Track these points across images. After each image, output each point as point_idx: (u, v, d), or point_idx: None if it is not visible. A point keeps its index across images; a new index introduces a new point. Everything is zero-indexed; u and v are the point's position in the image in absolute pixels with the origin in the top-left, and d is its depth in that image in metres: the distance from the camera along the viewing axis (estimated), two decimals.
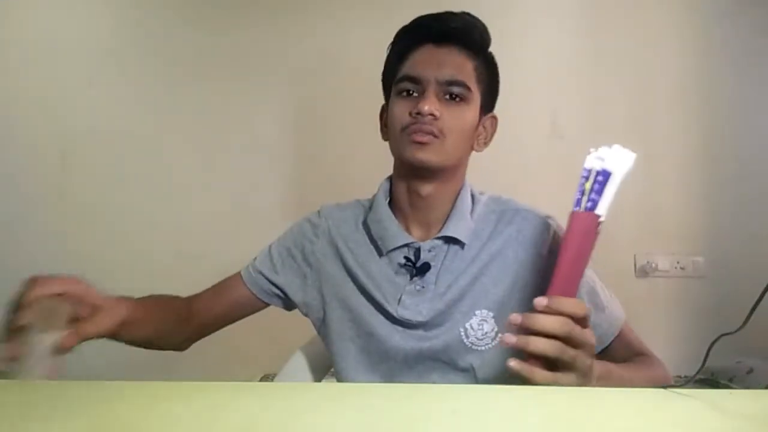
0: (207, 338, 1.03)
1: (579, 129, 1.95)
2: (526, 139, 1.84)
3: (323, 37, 1.97)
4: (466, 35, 0.89)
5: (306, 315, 1.00)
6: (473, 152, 0.95)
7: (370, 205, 0.99)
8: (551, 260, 0.83)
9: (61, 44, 1.96)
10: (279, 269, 0.99)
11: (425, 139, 0.85)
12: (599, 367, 0.69)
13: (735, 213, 1.95)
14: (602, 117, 1.96)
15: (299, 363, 1.09)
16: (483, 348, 0.85)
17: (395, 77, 0.92)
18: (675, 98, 1.97)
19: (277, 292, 0.99)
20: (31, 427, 0.48)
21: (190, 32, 1.96)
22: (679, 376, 1.69)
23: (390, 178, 1.00)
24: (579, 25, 1.99)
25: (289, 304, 1.01)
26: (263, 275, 1.00)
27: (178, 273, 1.93)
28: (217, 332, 1.03)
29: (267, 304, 1.01)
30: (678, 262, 1.94)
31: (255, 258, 1.04)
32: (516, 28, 1.93)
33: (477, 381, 0.85)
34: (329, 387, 0.85)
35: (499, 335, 0.86)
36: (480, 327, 0.85)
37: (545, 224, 0.91)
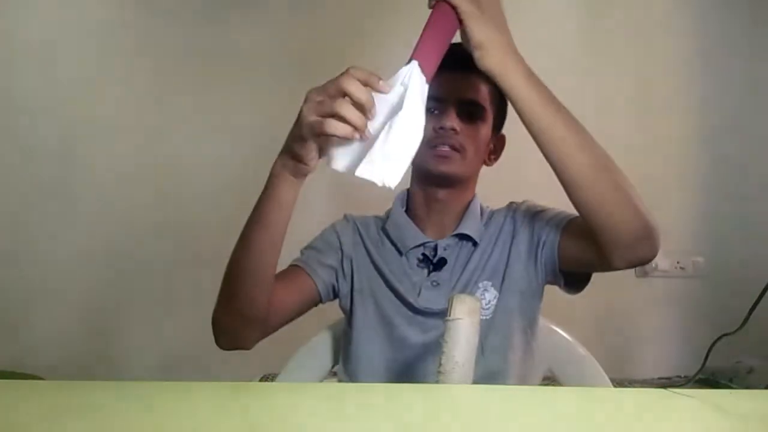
0: (206, 337, 1.02)
1: None
2: (526, 139, 1.84)
3: (324, 34, 1.97)
4: None
5: (340, 303, 1.05)
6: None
7: (387, 216, 1.09)
8: (525, 219, 0.99)
9: (61, 44, 1.96)
10: (328, 258, 1.03)
11: (447, 152, 0.96)
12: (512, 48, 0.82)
13: (735, 213, 1.95)
14: (602, 117, 1.96)
15: (300, 363, 1.09)
16: (488, 316, 0.94)
17: None
18: (675, 98, 1.97)
19: (333, 281, 1.03)
20: (31, 427, 0.48)
21: (190, 31, 1.96)
22: (679, 376, 1.70)
23: (407, 191, 1.08)
24: (579, 25, 1.99)
25: (329, 295, 1.04)
26: (319, 261, 1.02)
27: (178, 273, 1.93)
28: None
29: (315, 303, 1.02)
30: (678, 262, 1.94)
31: (300, 255, 1.04)
32: (516, 28, 1.93)
33: (483, 352, 0.91)
34: (329, 387, 0.85)
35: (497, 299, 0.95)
36: (483, 296, 0.95)
37: (520, 203, 1.04)
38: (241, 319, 0.93)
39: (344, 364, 1.03)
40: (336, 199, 1.89)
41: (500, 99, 1.02)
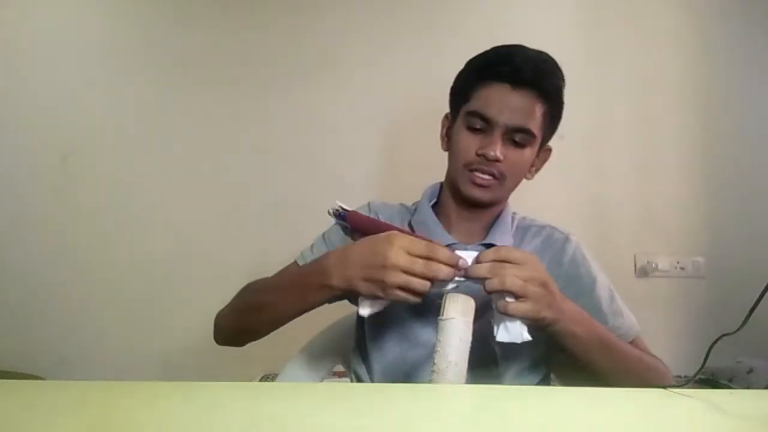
0: (206, 337, 1.02)
1: (579, 129, 1.95)
2: None
3: (324, 36, 1.97)
4: (542, 82, 0.94)
5: (352, 302, 1.03)
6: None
7: (415, 209, 1.06)
8: (570, 270, 0.95)
9: (61, 44, 1.96)
10: None
11: (486, 181, 0.94)
12: (570, 306, 0.81)
13: (735, 213, 1.95)
14: (602, 117, 1.96)
15: (300, 363, 1.09)
16: (516, 339, 0.93)
17: (466, 103, 0.96)
18: (675, 98, 1.97)
19: None
20: (31, 427, 0.48)
21: (190, 32, 1.96)
22: (679, 376, 1.69)
23: (440, 185, 1.06)
24: (579, 25, 1.98)
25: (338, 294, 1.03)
26: None
27: (178, 273, 1.93)
28: None
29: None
30: (678, 262, 1.93)
31: (309, 249, 1.03)
32: (516, 28, 1.93)
33: (498, 366, 0.92)
34: (329, 387, 0.85)
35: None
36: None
37: (566, 239, 1.00)
38: (247, 336, 0.95)
39: (358, 358, 1.03)
40: (332, 191, 1.89)
41: (555, 117, 0.98)
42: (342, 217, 0.94)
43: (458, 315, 0.75)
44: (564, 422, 0.52)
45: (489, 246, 0.96)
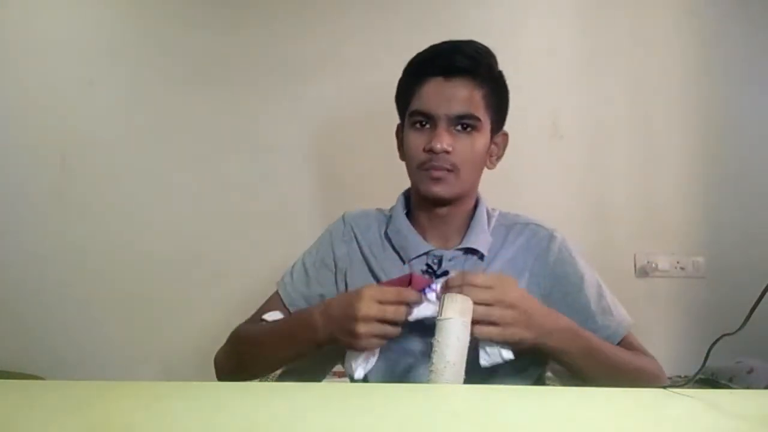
0: (206, 337, 1.03)
1: (579, 129, 1.95)
2: (526, 139, 1.84)
3: (324, 37, 1.97)
4: (474, 68, 0.93)
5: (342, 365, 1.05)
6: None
7: (390, 216, 1.05)
8: (556, 269, 0.94)
9: (61, 44, 1.96)
10: (318, 282, 1.02)
11: (440, 174, 0.92)
12: (554, 321, 0.81)
13: (735, 213, 1.94)
14: (602, 117, 1.96)
15: (300, 362, 1.09)
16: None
17: (408, 106, 0.98)
18: (675, 98, 1.97)
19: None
20: (31, 427, 0.48)
21: (190, 33, 1.96)
22: (679, 376, 1.70)
23: (408, 192, 1.06)
24: (579, 25, 1.98)
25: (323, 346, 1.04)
26: (303, 295, 1.01)
27: (178, 273, 1.93)
28: (217, 331, 1.03)
29: None
30: (678, 262, 1.93)
31: (289, 276, 1.04)
32: (516, 28, 1.93)
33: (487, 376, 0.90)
34: (329, 387, 0.85)
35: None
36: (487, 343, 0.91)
37: (551, 236, 0.98)
38: (248, 378, 0.97)
39: (349, 364, 1.03)
40: (331, 191, 1.90)
41: (498, 100, 0.97)
42: None
43: (456, 315, 0.75)
44: (563, 422, 0.52)
45: (466, 250, 0.96)
